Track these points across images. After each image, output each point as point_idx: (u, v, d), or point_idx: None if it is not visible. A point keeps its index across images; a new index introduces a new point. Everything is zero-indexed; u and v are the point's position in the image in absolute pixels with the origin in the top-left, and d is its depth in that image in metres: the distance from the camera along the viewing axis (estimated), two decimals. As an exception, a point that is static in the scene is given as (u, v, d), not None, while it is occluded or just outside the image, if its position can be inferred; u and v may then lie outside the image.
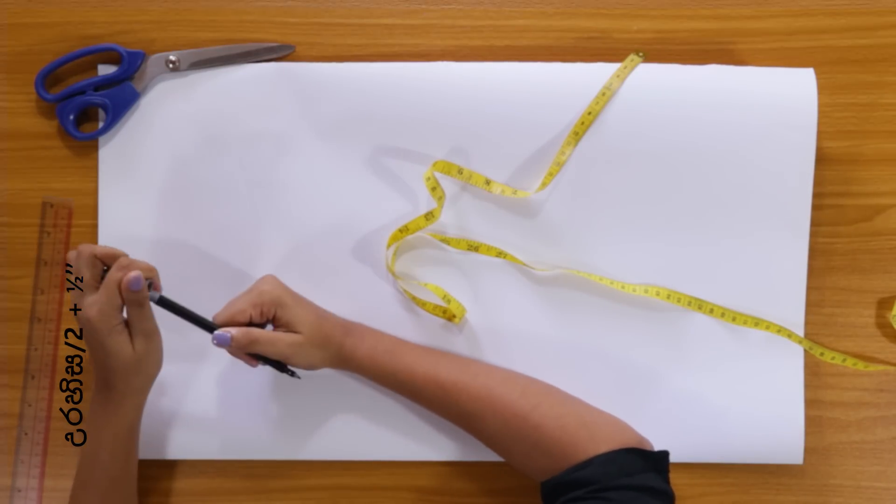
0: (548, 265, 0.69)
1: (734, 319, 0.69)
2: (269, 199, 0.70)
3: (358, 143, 0.69)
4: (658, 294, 0.69)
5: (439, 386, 0.64)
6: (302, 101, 0.69)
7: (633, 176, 0.69)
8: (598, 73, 0.69)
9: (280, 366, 0.64)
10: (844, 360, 0.70)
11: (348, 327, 0.67)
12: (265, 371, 0.69)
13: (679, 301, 0.69)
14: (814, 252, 0.70)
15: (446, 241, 0.69)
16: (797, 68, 0.70)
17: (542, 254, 0.70)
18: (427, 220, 0.67)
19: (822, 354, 0.70)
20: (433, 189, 0.67)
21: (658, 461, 0.61)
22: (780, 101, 0.68)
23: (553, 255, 0.70)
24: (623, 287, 0.69)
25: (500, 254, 0.68)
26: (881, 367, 0.71)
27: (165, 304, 0.62)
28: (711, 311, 0.69)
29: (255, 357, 0.64)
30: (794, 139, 0.68)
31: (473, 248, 0.69)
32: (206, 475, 0.71)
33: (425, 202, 0.70)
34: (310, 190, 0.70)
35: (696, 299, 0.69)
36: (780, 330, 0.69)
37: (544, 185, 0.68)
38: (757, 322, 0.69)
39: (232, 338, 0.61)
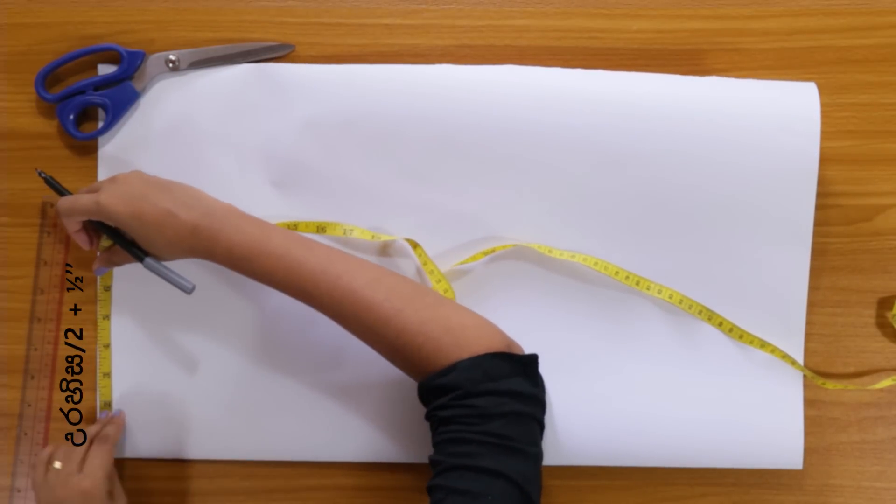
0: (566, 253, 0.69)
1: (741, 337, 0.69)
2: (268, 198, 0.70)
3: (358, 143, 0.69)
4: (671, 297, 0.69)
5: (302, 286, 0.60)
6: (301, 101, 0.69)
7: (635, 184, 0.68)
8: (597, 79, 0.69)
9: (131, 247, 0.63)
10: (846, 387, 0.71)
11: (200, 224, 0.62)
12: (266, 372, 0.69)
13: (690, 308, 0.69)
14: (814, 252, 0.69)
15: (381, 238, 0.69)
16: (800, 82, 0.69)
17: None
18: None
19: (823, 384, 0.70)
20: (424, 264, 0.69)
21: (526, 365, 0.59)
22: (783, 116, 0.68)
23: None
24: (637, 283, 0.69)
25: (373, 236, 0.68)
26: (882, 385, 0.71)
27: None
28: (721, 324, 0.69)
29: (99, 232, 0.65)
30: (796, 157, 0.67)
31: (348, 231, 0.68)
32: (207, 475, 0.71)
33: (423, 203, 0.70)
34: (308, 190, 0.70)
35: (707, 309, 0.69)
36: (785, 356, 0.69)
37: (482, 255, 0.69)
38: (763, 344, 0.69)
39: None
